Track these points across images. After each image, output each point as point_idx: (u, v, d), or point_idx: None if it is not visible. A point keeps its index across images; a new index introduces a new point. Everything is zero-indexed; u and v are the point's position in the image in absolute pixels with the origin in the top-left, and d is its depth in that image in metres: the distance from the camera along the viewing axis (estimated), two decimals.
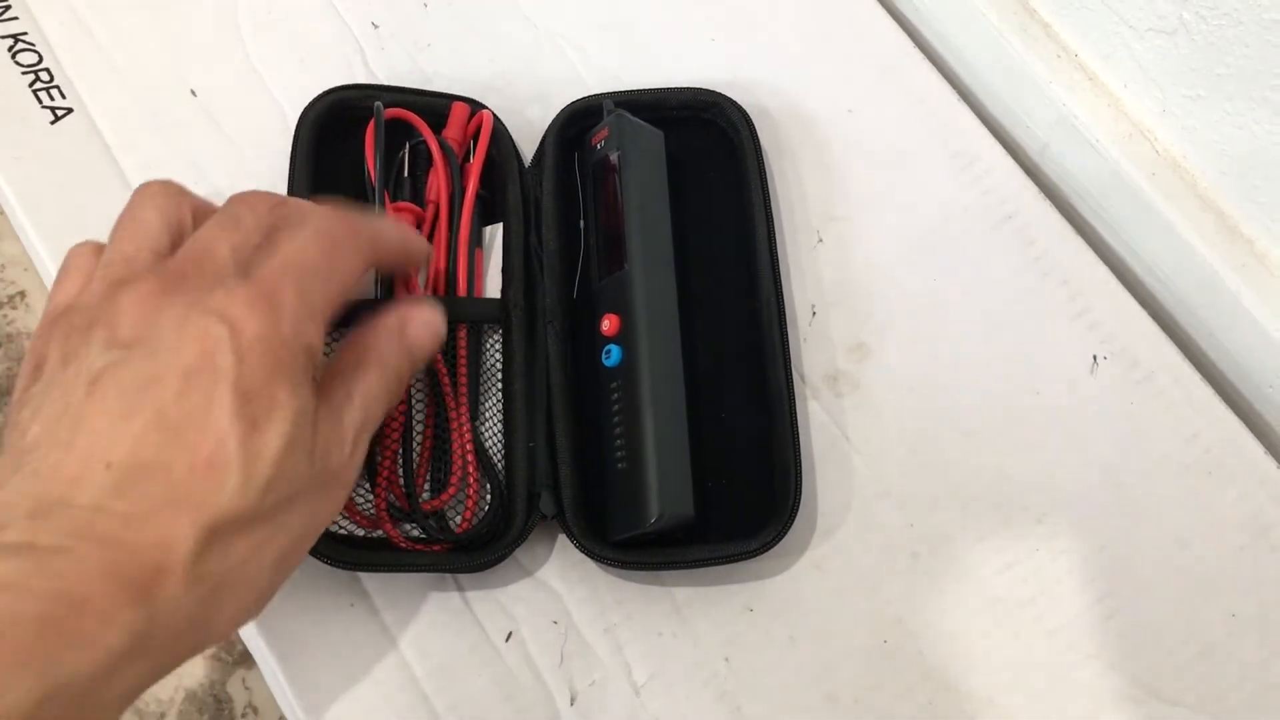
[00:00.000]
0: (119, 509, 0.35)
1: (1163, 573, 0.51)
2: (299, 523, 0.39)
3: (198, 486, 0.36)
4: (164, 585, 0.35)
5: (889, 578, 0.51)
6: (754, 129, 0.57)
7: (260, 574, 0.38)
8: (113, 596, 0.34)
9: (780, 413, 0.51)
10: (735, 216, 0.56)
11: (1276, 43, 0.48)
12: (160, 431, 0.36)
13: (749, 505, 0.50)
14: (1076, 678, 0.50)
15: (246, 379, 0.37)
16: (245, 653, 0.97)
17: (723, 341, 0.53)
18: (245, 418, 0.37)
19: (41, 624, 0.33)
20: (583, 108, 0.56)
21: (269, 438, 0.37)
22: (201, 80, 0.59)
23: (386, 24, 0.61)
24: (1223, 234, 0.56)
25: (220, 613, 0.37)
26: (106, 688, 0.34)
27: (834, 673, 0.49)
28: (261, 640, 0.48)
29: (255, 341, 0.37)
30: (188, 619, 0.36)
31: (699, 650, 0.49)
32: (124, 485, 0.35)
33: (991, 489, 0.52)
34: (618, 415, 0.50)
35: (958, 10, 0.62)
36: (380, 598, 0.49)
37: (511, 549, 0.49)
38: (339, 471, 0.41)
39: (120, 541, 0.35)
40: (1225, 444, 0.54)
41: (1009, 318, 0.56)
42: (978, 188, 0.58)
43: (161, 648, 0.36)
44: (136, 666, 0.35)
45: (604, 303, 0.52)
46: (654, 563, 0.49)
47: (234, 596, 0.37)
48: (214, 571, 0.36)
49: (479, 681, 0.48)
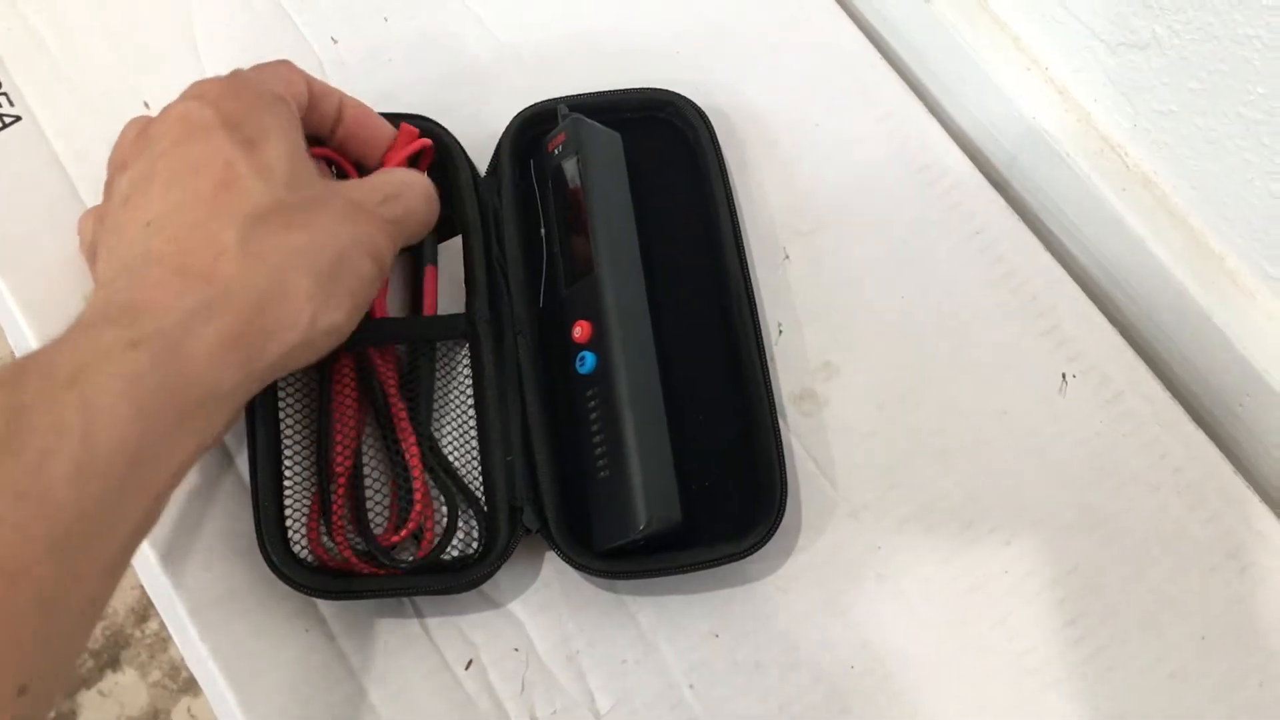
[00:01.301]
0: (162, 242, 0.42)
1: (1132, 594, 0.51)
2: (335, 226, 0.44)
3: (224, 200, 0.42)
4: (222, 264, 0.41)
5: (856, 600, 0.50)
6: (711, 127, 0.56)
7: (318, 258, 0.42)
8: (176, 287, 0.40)
9: (760, 409, 0.50)
10: (698, 215, 0.55)
11: (1249, 58, 0.48)
12: (176, 183, 0.43)
13: (736, 506, 0.50)
14: (1046, 700, 0.49)
15: (228, 115, 0.44)
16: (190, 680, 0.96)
17: (696, 342, 0.53)
18: (241, 142, 0.43)
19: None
20: (536, 113, 0.56)
21: (269, 147, 0.43)
22: (155, 92, 0.57)
23: (345, 38, 0.60)
24: (1193, 250, 0.55)
25: (297, 288, 0.41)
26: (195, 344, 0.39)
27: (801, 698, 0.48)
28: (213, 665, 0.47)
29: (224, 92, 0.45)
30: (260, 293, 0.41)
31: (663, 677, 0.48)
32: (162, 225, 0.42)
33: (960, 510, 0.52)
34: (596, 423, 0.49)
35: (926, 22, 0.61)
36: (337, 623, 0.48)
37: (498, 565, 0.48)
38: (366, 208, 0.45)
39: (173, 255, 0.41)
40: (1195, 463, 0.53)
41: (977, 335, 0.55)
42: (946, 202, 0.58)
43: (239, 314, 0.40)
44: (220, 325, 0.40)
45: (574, 309, 0.51)
46: (644, 570, 0.48)
47: (301, 275, 0.42)
48: (265, 251, 0.41)
49: (437, 709, 0.47)
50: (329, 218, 0.44)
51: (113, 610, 1.06)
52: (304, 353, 0.43)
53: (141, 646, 1.03)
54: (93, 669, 1.02)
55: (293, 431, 0.49)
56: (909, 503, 0.52)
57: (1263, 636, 0.50)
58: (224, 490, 0.50)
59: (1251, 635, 0.50)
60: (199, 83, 0.46)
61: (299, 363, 0.43)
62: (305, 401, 0.50)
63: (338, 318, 0.43)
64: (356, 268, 0.44)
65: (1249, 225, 0.53)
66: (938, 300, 0.56)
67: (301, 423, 0.50)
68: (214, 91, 0.45)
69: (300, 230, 0.42)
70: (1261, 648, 0.50)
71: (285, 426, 0.49)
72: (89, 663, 1.03)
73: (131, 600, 1.07)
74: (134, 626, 1.05)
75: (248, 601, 0.48)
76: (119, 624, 1.05)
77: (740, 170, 0.58)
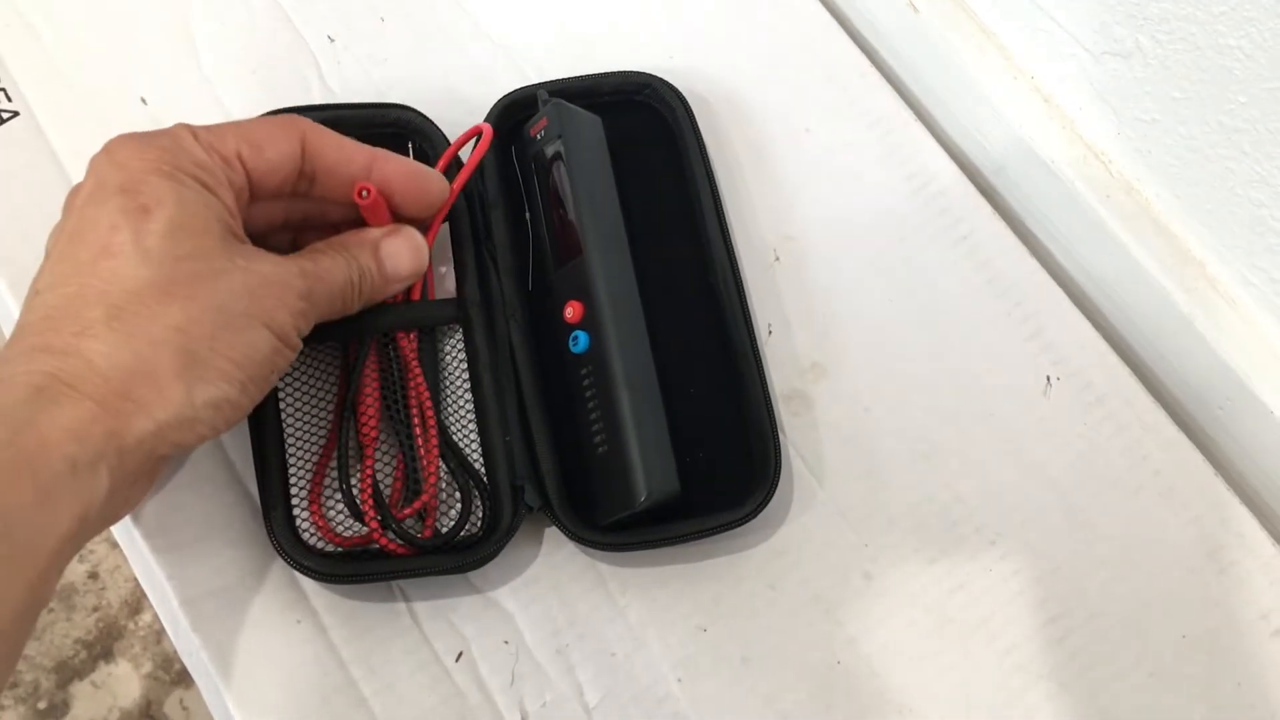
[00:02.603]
0: (37, 316, 0.41)
1: (1114, 594, 0.51)
2: (223, 299, 0.42)
3: (101, 271, 0.41)
4: (85, 341, 0.40)
5: (843, 598, 0.51)
6: (689, 108, 0.57)
7: (194, 334, 0.41)
8: (31, 364, 0.40)
9: (750, 380, 0.52)
10: (680, 193, 0.56)
11: (1230, 68, 0.49)
12: (66, 250, 0.42)
13: (731, 475, 0.51)
14: (1029, 699, 0.50)
15: (127, 178, 0.42)
16: (183, 671, 0.95)
17: (685, 317, 0.54)
18: (133, 210, 0.41)
19: None
20: (517, 99, 0.56)
21: (159, 216, 0.42)
22: (152, 89, 0.58)
23: (342, 37, 0.60)
24: (1176, 257, 0.56)
25: (164, 365, 0.40)
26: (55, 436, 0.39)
27: (787, 694, 0.49)
28: (204, 656, 0.48)
29: (133, 152, 0.43)
30: (125, 370, 0.40)
31: (651, 671, 0.49)
32: (45, 297, 0.42)
33: (945, 510, 0.52)
34: (592, 400, 0.50)
35: (915, 31, 0.62)
36: (329, 615, 0.49)
37: (502, 544, 0.48)
38: (272, 280, 0.44)
39: (40, 329, 0.41)
40: (1176, 466, 0.54)
41: (963, 338, 0.56)
42: (933, 208, 0.58)
43: (96, 392, 0.40)
44: (88, 418, 0.39)
45: (564, 291, 0.52)
46: (646, 541, 0.49)
47: (170, 352, 0.41)
48: (133, 328, 0.40)
49: (428, 701, 0.48)
50: (221, 293, 0.42)
51: (106, 602, 1.06)
52: (189, 427, 0.41)
53: (135, 638, 1.03)
54: (85, 660, 1.02)
55: (293, 418, 0.50)
56: (896, 503, 0.52)
57: (1241, 637, 0.51)
58: (216, 482, 0.50)
59: (1230, 636, 0.51)
60: (118, 137, 0.45)
61: (188, 435, 0.42)
62: (306, 391, 0.50)
63: (219, 392, 0.42)
64: (247, 340, 0.42)
65: (1230, 232, 0.54)
66: (925, 304, 0.57)
67: (302, 411, 0.50)
68: (124, 151, 0.43)
69: (179, 304, 0.41)
70: (1240, 649, 0.51)
71: (285, 415, 0.50)
72: (82, 654, 1.03)
73: (125, 592, 1.07)
74: (127, 618, 1.05)
75: (240, 593, 0.49)
76: (113, 616, 1.05)
77: (730, 175, 0.58)
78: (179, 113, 0.56)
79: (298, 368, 0.51)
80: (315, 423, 0.50)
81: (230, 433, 0.50)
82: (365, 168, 0.47)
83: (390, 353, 0.51)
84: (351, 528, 0.49)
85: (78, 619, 1.04)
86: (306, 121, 0.47)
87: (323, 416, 0.51)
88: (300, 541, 0.48)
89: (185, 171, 0.43)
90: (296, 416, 0.50)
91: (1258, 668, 0.51)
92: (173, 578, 0.49)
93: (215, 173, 0.44)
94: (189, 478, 0.50)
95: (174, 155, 0.43)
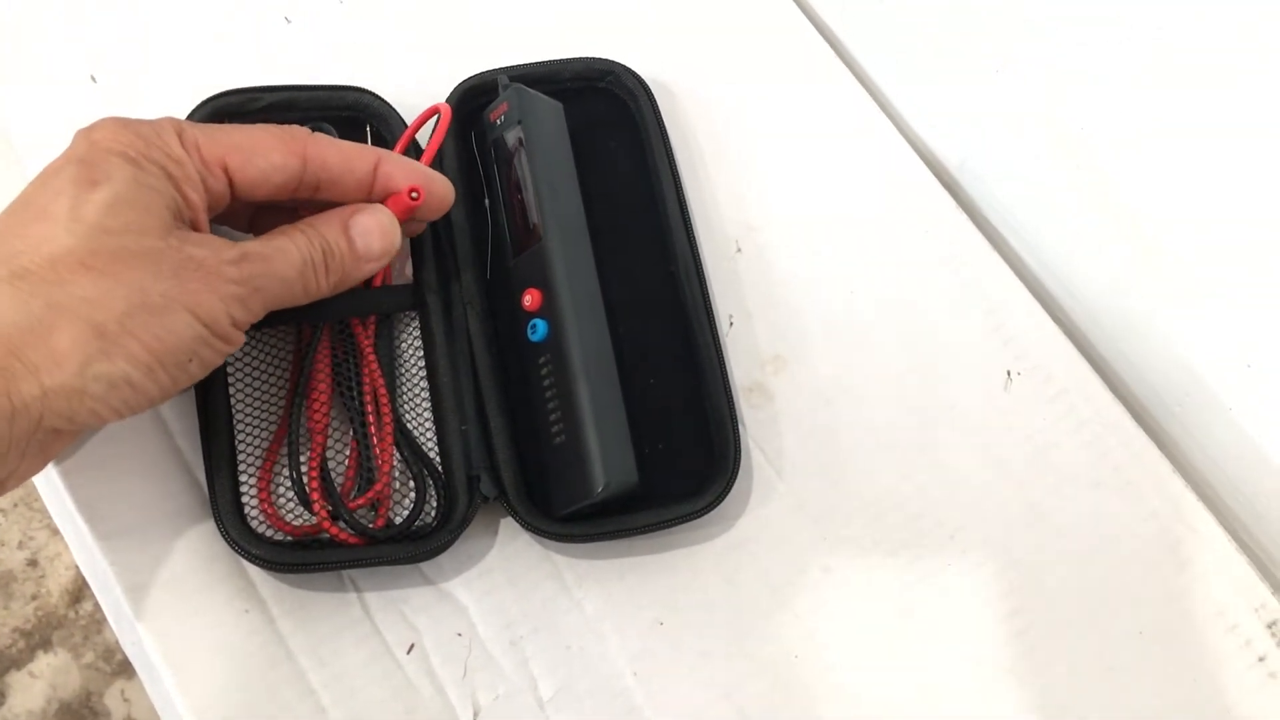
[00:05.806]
0: None
1: (1072, 589, 0.51)
2: (148, 280, 0.41)
3: (30, 234, 0.41)
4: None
5: (801, 591, 0.50)
6: (652, 96, 0.57)
7: (105, 308, 0.40)
8: None
9: (710, 369, 0.51)
10: (641, 182, 0.56)
11: None
12: (17, 206, 0.42)
13: (691, 466, 0.51)
14: (987, 693, 0.49)
15: (89, 153, 0.42)
16: (125, 662, 0.94)
17: (645, 307, 0.53)
18: (83, 181, 0.41)
19: None
20: (476, 84, 0.55)
21: (100, 191, 0.41)
22: (101, 67, 0.57)
23: (299, 19, 0.59)
24: (1136, 255, 0.56)
25: (62, 333, 0.40)
26: None
27: (745, 687, 0.48)
28: (149, 645, 0.46)
29: (108, 133, 0.43)
30: (18, 329, 0.39)
31: (607, 664, 0.48)
32: None
33: (905, 503, 0.52)
34: (550, 389, 0.49)
35: (878, 21, 0.62)
36: (277, 605, 0.48)
37: (457, 534, 0.48)
38: (207, 267, 0.42)
39: None
40: (1134, 461, 0.54)
41: (924, 332, 0.56)
42: (896, 201, 0.58)
43: None
44: None
45: (522, 278, 0.52)
46: (603, 533, 0.49)
47: (72, 321, 0.40)
48: (40, 290, 0.40)
49: (379, 693, 0.47)
50: (142, 271, 0.41)
51: (45, 590, 1.04)
52: (78, 399, 0.40)
53: (75, 628, 1.01)
54: (23, 650, 1.00)
55: (243, 404, 0.49)
56: (856, 496, 0.52)
57: (1198, 632, 0.51)
58: (161, 468, 0.49)
59: (1188, 631, 0.51)
60: (107, 117, 0.44)
61: (78, 408, 0.40)
62: (258, 377, 0.49)
63: (118, 371, 0.40)
64: (167, 324, 0.41)
65: (1190, 231, 0.54)
66: (887, 297, 0.56)
67: (253, 397, 0.49)
68: (102, 130, 0.43)
69: (96, 277, 0.40)
70: (1197, 643, 0.51)
71: (235, 401, 0.48)
72: (20, 643, 1.01)
73: (66, 581, 1.04)
74: (68, 607, 1.02)
75: (186, 582, 0.47)
76: (52, 605, 1.03)
77: (692, 165, 0.58)
78: (130, 92, 0.56)
79: (250, 352, 0.50)
80: (266, 409, 0.49)
81: (178, 417, 0.49)
82: (369, 172, 0.47)
83: (345, 339, 0.50)
84: (301, 516, 0.48)
85: (15, 607, 1.01)
86: (306, 132, 0.47)
87: (274, 403, 0.50)
88: (248, 529, 0.47)
89: (152, 159, 0.43)
90: (247, 403, 0.49)
91: (1213, 663, 0.51)
92: (116, 565, 0.47)
93: (186, 168, 0.43)
94: (134, 463, 0.49)
95: (147, 143, 0.43)
